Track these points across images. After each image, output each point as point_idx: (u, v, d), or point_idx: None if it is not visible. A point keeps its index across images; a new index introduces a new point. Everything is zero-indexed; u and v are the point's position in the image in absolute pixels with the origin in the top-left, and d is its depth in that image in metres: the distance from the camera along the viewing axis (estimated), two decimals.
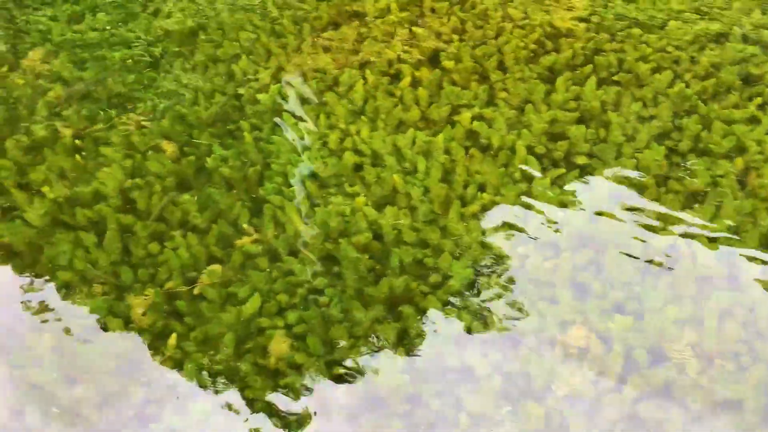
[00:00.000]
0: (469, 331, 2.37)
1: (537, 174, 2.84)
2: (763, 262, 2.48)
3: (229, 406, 2.27)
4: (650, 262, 2.48)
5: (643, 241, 2.56)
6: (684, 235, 2.56)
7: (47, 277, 2.59)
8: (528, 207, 2.74)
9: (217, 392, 2.30)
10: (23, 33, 3.71)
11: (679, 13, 3.70)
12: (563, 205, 2.72)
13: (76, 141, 3.05)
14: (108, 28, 3.75)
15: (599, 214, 2.68)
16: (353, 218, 2.76)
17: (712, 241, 2.53)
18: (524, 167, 2.89)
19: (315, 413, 2.24)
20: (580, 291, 2.44)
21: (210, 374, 2.31)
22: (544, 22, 3.63)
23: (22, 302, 2.53)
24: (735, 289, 2.38)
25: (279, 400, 2.29)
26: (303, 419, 2.24)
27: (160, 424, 2.26)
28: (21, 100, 3.25)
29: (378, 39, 3.58)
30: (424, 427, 2.18)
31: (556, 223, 2.66)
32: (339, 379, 2.32)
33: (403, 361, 2.31)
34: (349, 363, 2.35)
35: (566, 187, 2.79)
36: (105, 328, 2.45)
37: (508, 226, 2.69)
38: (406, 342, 2.37)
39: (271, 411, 2.25)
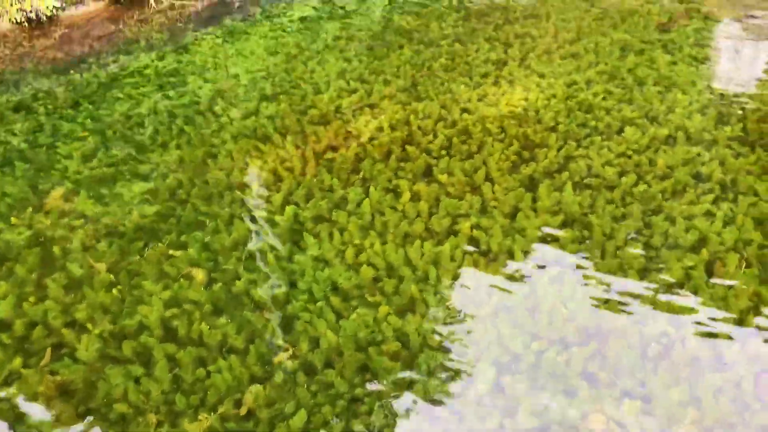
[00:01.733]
0: (501, 425, 2.65)
1: (536, 273, 3.22)
2: (741, 341, 2.88)
3: None
4: (648, 349, 2.85)
5: (638, 331, 2.93)
6: (671, 323, 2.95)
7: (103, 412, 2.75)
8: (534, 306, 3.10)
9: None
10: (41, 173, 3.96)
11: (631, 120, 4.28)
12: (564, 302, 3.09)
13: (111, 276, 3.27)
14: (121, 163, 4.04)
15: (597, 306, 3.05)
16: (378, 327, 3.06)
17: (696, 326, 2.93)
18: (522, 266, 3.28)
19: None
20: (592, 380, 2.77)
21: None
22: (519, 135, 4.14)
23: None
24: (722, 368, 2.76)
25: None
26: None
27: None
28: (52, 239, 3.46)
29: (375, 158, 4.00)
30: None
31: (561, 319, 3.02)
32: None
33: None
34: None
35: (565, 287, 3.17)
36: None
37: (518, 326, 3.03)
38: None
39: None
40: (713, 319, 2.95)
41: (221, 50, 5.37)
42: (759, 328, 2.89)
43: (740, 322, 2.93)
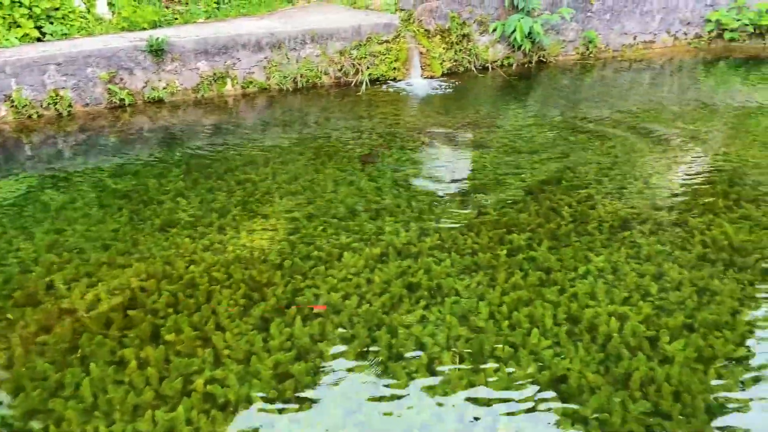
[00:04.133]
0: None
1: (274, 415, 3.20)
2: None
3: None
4: None
5: None
6: None
7: None
8: None
9: None
10: None
11: (348, 245, 4.66)
12: None
13: None
14: None
15: None
16: None
17: (425, 429, 3.13)
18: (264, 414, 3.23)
19: None
20: None
21: None
22: (246, 278, 4.22)
23: None
24: None
25: None
26: None
27: None
28: None
29: (95, 331, 3.73)
30: None
31: None
32: None
33: None
34: None
35: (304, 424, 3.18)
36: None
37: None
38: None
39: None
40: (439, 418, 3.18)
41: None
42: (475, 418, 3.19)
43: (460, 416, 3.20)
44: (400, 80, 9.05)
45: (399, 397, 3.30)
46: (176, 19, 9.29)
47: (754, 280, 4.19)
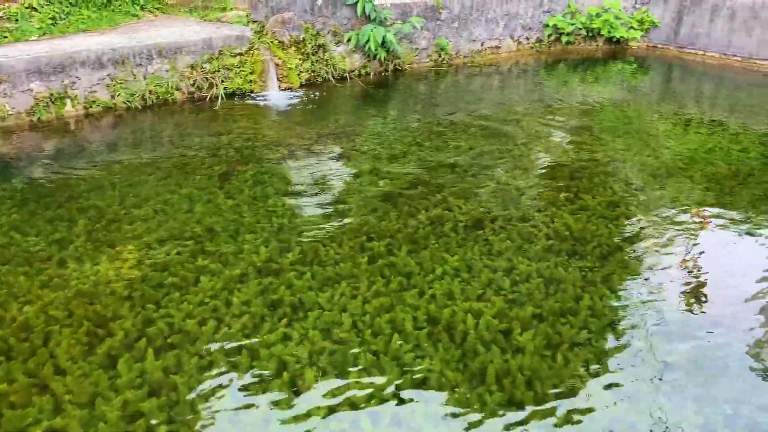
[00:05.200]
0: None
1: None
2: None
3: None
4: None
5: None
6: None
7: None
8: None
9: None
10: None
11: (205, 267, 4.45)
12: None
13: None
14: None
15: None
16: None
17: None
18: None
19: None
20: None
21: None
22: (89, 313, 3.90)
23: None
24: None
25: None
26: None
27: None
28: None
29: None
30: None
31: None
32: None
33: None
34: None
35: None
36: None
37: None
38: None
39: None
40: None
41: None
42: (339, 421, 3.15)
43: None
44: (257, 93, 8.87)
45: (261, 422, 3.18)
46: (5, 37, 8.48)
47: (593, 267, 4.52)
